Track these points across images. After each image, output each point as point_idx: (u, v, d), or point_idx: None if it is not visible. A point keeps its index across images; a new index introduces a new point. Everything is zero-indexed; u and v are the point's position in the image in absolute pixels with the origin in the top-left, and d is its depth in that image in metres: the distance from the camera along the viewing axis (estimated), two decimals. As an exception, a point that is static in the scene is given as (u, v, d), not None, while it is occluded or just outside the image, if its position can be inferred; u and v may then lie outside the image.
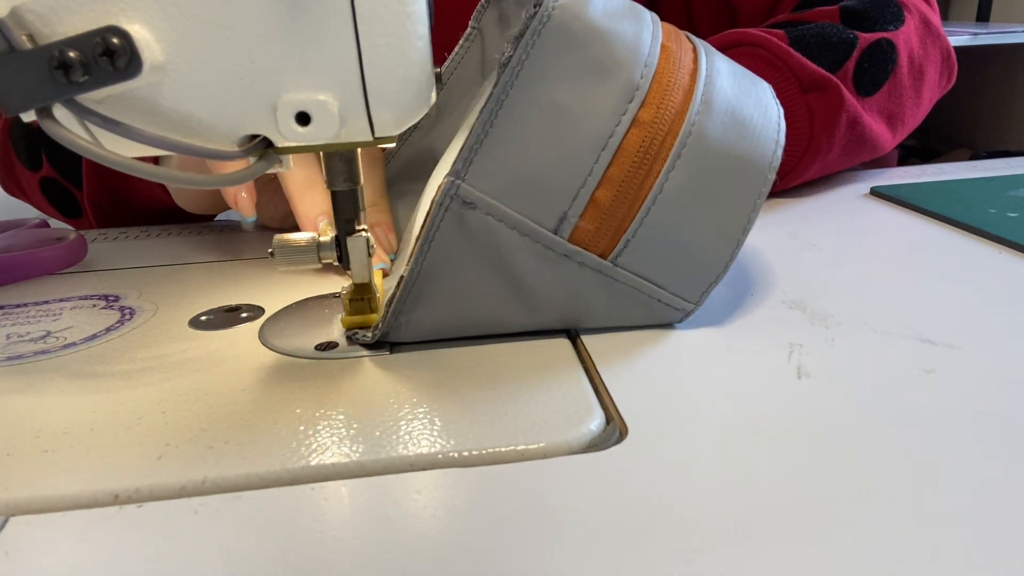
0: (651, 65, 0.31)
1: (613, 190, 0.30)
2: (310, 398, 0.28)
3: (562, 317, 0.32)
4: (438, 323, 0.32)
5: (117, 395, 0.29)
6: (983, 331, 0.32)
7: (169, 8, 0.24)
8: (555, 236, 0.30)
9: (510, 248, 0.30)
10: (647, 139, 0.30)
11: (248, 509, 0.22)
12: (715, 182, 0.31)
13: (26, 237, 0.46)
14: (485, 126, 0.29)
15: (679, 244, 0.31)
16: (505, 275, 0.31)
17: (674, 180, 0.30)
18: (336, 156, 0.30)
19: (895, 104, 0.56)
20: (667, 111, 0.30)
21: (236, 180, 0.27)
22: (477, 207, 0.29)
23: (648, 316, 0.33)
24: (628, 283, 0.31)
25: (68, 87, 0.24)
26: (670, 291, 0.32)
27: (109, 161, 0.25)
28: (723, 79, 0.33)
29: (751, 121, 0.32)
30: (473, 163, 0.29)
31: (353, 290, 0.32)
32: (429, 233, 0.30)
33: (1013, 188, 0.53)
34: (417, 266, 0.30)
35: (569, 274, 0.31)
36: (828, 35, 0.53)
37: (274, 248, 0.31)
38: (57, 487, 0.23)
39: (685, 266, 0.31)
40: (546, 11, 0.29)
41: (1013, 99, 1.86)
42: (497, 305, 0.31)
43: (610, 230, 0.30)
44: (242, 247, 0.49)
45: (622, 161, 0.30)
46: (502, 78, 0.29)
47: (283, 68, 0.25)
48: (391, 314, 0.31)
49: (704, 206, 0.31)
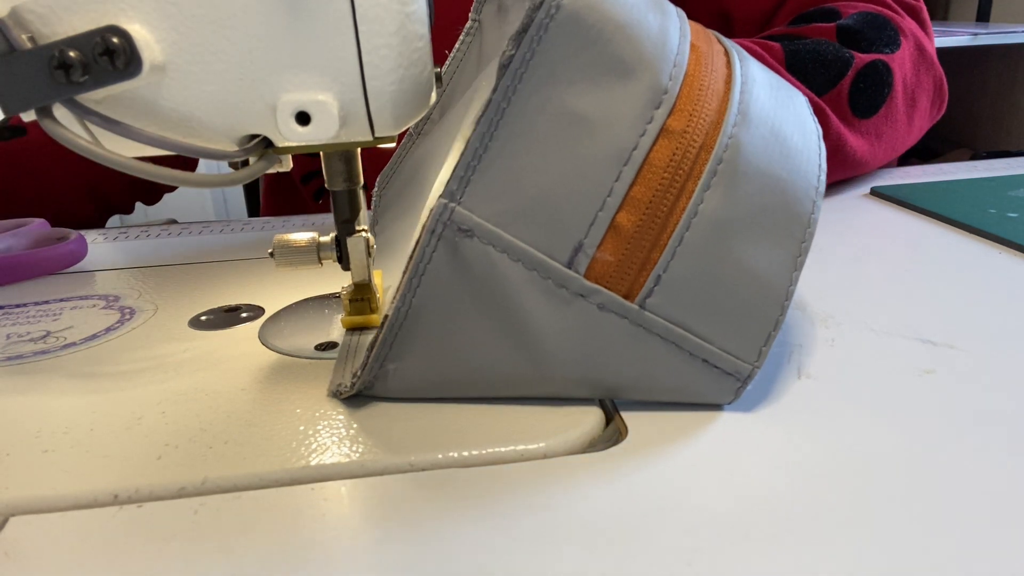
0: (681, 65, 0.26)
1: (638, 214, 0.25)
2: (310, 398, 0.28)
3: (581, 377, 0.26)
4: (429, 376, 0.27)
5: (117, 395, 0.29)
6: (983, 331, 0.32)
7: (169, 8, 0.24)
8: (568, 270, 0.25)
9: (514, 285, 0.25)
10: (678, 152, 0.25)
11: (248, 509, 0.22)
12: (756, 208, 0.26)
13: (26, 237, 0.46)
14: (484, 139, 0.25)
15: (721, 283, 0.25)
16: (508, 319, 0.26)
17: (710, 202, 0.25)
18: (335, 156, 0.30)
19: (890, 128, 0.56)
20: (701, 120, 0.26)
21: (236, 180, 0.27)
22: (475, 235, 0.25)
23: (692, 381, 0.26)
24: (663, 334, 0.25)
25: (68, 87, 0.24)
26: (718, 346, 0.26)
27: (109, 161, 0.25)
28: (760, 88, 0.28)
29: (791, 139, 0.27)
30: (470, 183, 0.25)
31: (353, 290, 0.32)
32: (418, 266, 0.25)
33: (1013, 188, 0.53)
34: (404, 304, 0.26)
35: (586, 319, 0.25)
36: (824, 52, 0.53)
37: (274, 248, 0.31)
38: (57, 487, 0.23)
39: (732, 313, 0.25)
40: (554, 0, 0.25)
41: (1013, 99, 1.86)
42: (499, 357, 0.26)
43: (636, 263, 0.25)
44: (242, 247, 0.48)
45: (648, 179, 0.25)
46: (502, 81, 0.25)
47: (283, 68, 0.25)
48: (374, 359, 0.26)
49: (745, 236, 0.25)
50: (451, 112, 0.40)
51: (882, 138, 0.56)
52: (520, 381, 0.27)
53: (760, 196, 0.26)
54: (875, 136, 0.55)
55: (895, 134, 0.57)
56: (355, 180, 0.31)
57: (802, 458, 0.24)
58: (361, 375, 0.27)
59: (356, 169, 0.31)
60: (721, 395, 0.26)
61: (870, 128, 0.55)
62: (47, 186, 0.61)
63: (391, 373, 0.27)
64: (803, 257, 0.26)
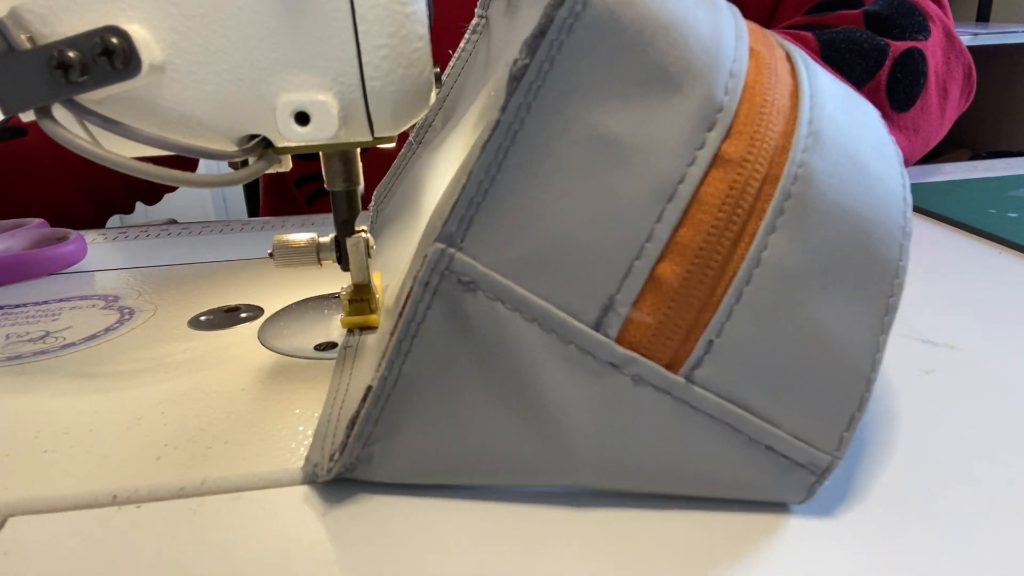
0: (739, 76, 0.21)
1: (685, 263, 0.20)
2: (310, 398, 0.28)
3: (611, 466, 0.21)
4: (423, 460, 0.22)
5: (116, 395, 0.29)
6: (983, 331, 0.32)
7: (168, 8, 0.24)
8: (596, 333, 0.20)
9: (528, 351, 0.20)
10: (736, 185, 0.20)
11: (248, 509, 0.22)
12: (833, 255, 0.20)
13: (26, 237, 0.46)
14: (490, 169, 0.20)
15: (790, 351, 0.20)
16: (520, 393, 0.21)
17: (776, 248, 0.20)
18: (335, 156, 0.30)
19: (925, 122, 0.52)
20: (764, 144, 0.20)
21: (236, 180, 0.27)
22: (479, 288, 0.20)
23: (752, 473, 0.21)
24: (715, 413, 0.20)
25: (67, 87, 0.24)
26: (786, 430, 0.20)
27: (108, 161, 0.25)
28: (831, 102, 0.23)
29: (871, 166, 0.22)
30: (474, 223, 0.20)
31: (352, 291, 0.32)
32: (409, 325, 0.21)
33: (1013, 188, 0.53)
34: (392, 373, 0.21)
35: (618, 395, 0.20)
36: (859, 41, 0.49)
37: (274, 249, 0.31)
38: (56, 487, 0.23)
39: (804, 388, 0.20)
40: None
41: (1013, 99, 1.86)
42: (509, 441, 0.21)
43: (681, 327, 0.20)
44: (242, 247, 0.49)
45: (699, 219, 0.20)
46: (514, 97, 0.20)
47: (282, 68, 0.25)
48: (355, 439, 0.22)
49: (820, 291, 0.20)
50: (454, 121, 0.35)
51: (919, 133, 0.52)
52: (535, 469, 0.21)
53: (838, 240, 0.21)
54: (913, 131, 0.51)
55: (930, 128, 0.53)
56: (354, 181, 0.31)
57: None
58: (340, 458, 0.22)
59: (355, 170, 0.31)
60: (790, 492, 0.21)
61: (908, 122, 0.51)
62: (47, 186, 0.61)
63: (376, 455, 0.22)
64: (891, 316, 0.21)
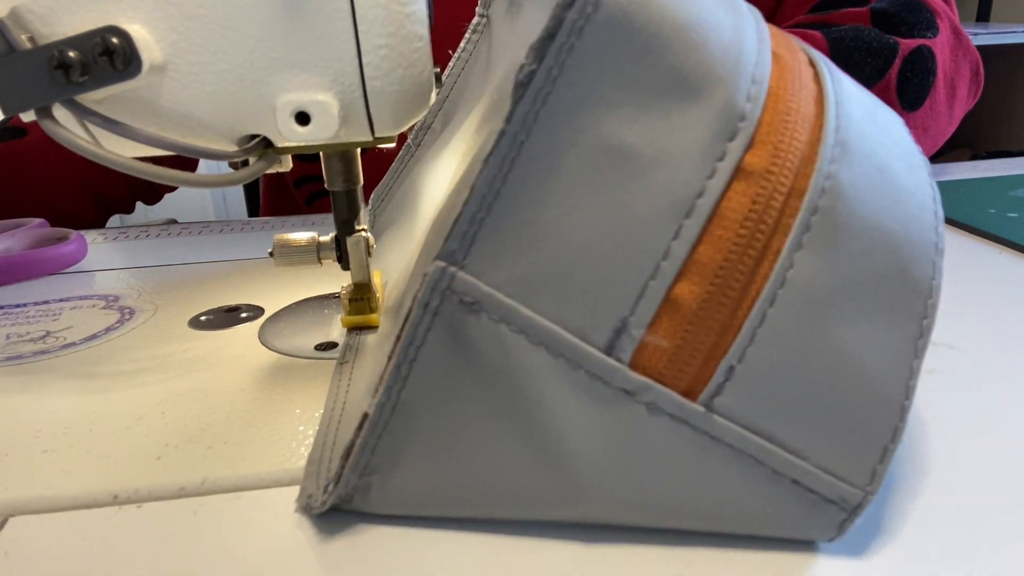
0: (761, 81, 0.20)
1: (704, 283, 0.19)
2: (310, 398, 0.28)
3: (623, 499, 0.20)
4: (423, 491, 0.21)
5: (116, 395, 0.29)
6: (983, 331, 0.32)
7: (169, 8, 0.24)
8: (608, 358, 0.19)
9: (534, 376, 0.19)
10: (760, 199, 0.19)
11: (248, 509, 0.22)
12: (863, 274, 0.19)
13: (26, 237, 0.46)
14: (494, 182, 0.19)
15: (818, 377, 0.19)
16: (526, 421, 0.20)
17: (803, 267, 0.19)
18: (335, 156, 0.30)
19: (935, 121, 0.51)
20: (789, 155, 0.19)
21: (236, 180, 0.27)
22: (483, 309, 0.19)
23: (777, 508, 0.19)
24: (736, 444, 0.19)
25: (67, 87, 0.24)
26: (815, 463, 0.19)
27: (108, 161, 0.25)
28: (857, 108, 0.21)
29: (900, 177, 0.21)
30: (477, 240, 0.19)
31: (353, 290, 0.32)
32: (408, 349, 0.19)
33: (1013, 188, 0.53)
34: (390, 399, 0.20)
35: (631, 424, 0.19)
36: (868, 39, 0.48)
37: (274, 248, 0.31)
38: (56, 487, 0.23)
39: (833, 418, 0.19)
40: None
41: (1013, 99, 1.86)
42: (514, 471, 0.20)
43: (700, 351, 0.19)
44: (242, 247, 0.49)
45: (719, 235, 0.19)
46: (520, 106, 0.18)
47: (282, 68, 0.25)
48: (351, 469, 0.21)
49: (849, 313, 0.19)
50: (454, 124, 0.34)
51: (928, 132, 0.51)
52: (541, 501, 0.20)
53: (868, 258, 0.19)
54: (922, 131, 0.50)
55: (938, 127, 0.52)
56: (354, 180, 0.31)
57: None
58: (334, 489, 0.21)
59: (356, 169, 0.31)
60: (818, 530, 0.20)
61: (917, 122, 0.50)
62: (48, 186, 0.61)
63: (374, 486, 0.21)
64: (925, 340, 0.19)
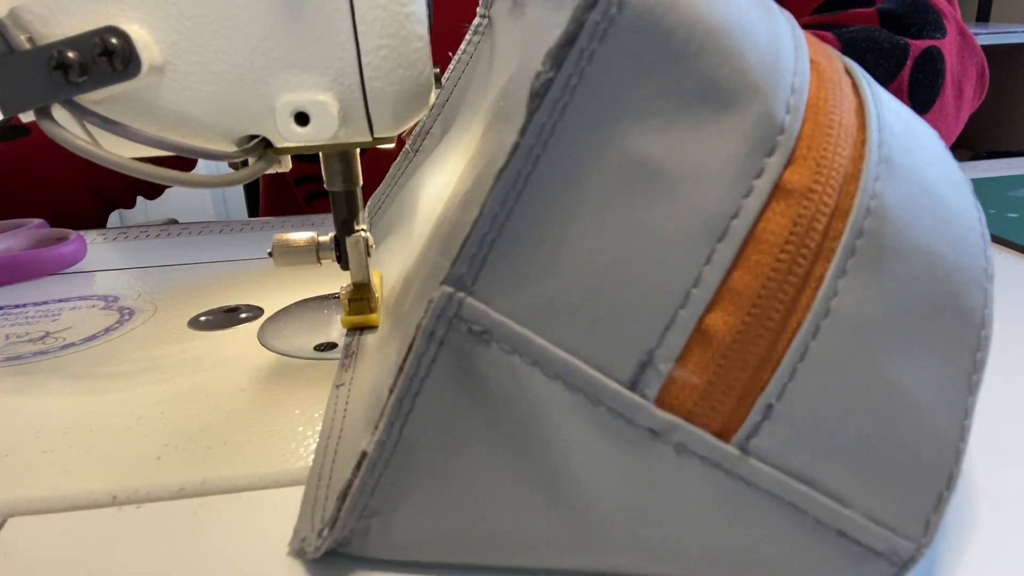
0: (801, 91, 0.18)
1: (740, 313, 0.17)
2: (310, 398, 0.28)
3: (646, 549, 0.18)
4: (426, 536, 0.19)
5: (116, 395, 0.29)
6: (983, 331, 0.32)
7: (168, 8, 0.24)
8: (632, 394, 0.17)
9: (550, 412, 0.17)
10: (801, 221, 0.17)
11: (248, 509, 0.22)
12: (913, 302, 0.17)
13: (26, 237, 0.46)
14: (506, 201, 0.17)
15: (865, 417, 0.17)
16: (540, 461, 0.18)
17: (848, 295, 0.17)
18: (334, 156, 0.30)
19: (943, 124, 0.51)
20: (832, 172, 0.18)
21: (236, 180, 0.27)
22: (494, 339, 0.17)
23: (819, 562, 0.18)
24: (775, 491, 0.17)
25: (67, 87, 0.24)
26: (862, 512, 0.17)
27: (108, 161, 0.25)
28: (896, 121, 0.20)
29: (945, 196, 0.19)
30: (487, 263, 0.17)
31: (352, 290, 0.32)
32: (411, 382, 0.18)
33: (1013, 188, 0.53)
34: (391, 437, 0.18)
35: (657, 466, 0.17)
36: (879, 40, 0.47)
37: (273, 248, 0.31)
38: (56, 487, 0.23)
39: (882, 462, 0.17)
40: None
41: (1013, 99, 1.86)
42: (526, 515, 0.18)
43: (735, 387, 0.17)
44: (242, 247, 0.49)
45: (757, 260, 0.17)
46: (536, 117, 0.17)
47: (282, 68, 0.25)
48: (348, 511, 0.19)
49: (898, 346, 0.17)
50: (455, 129, 0.33)
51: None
52: (555, 548, 0.19)
53: (917, 285, 0.17)
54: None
55: (946, 128, 0.51)
56: (354, 181, 0.31)
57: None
58: (329, 534, 0.19)
59: (355, 170, 0.31)
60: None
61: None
62: (51, 185, 0.61)
63: (373, 529, 0.19)
64: (979, 376, 0.18)
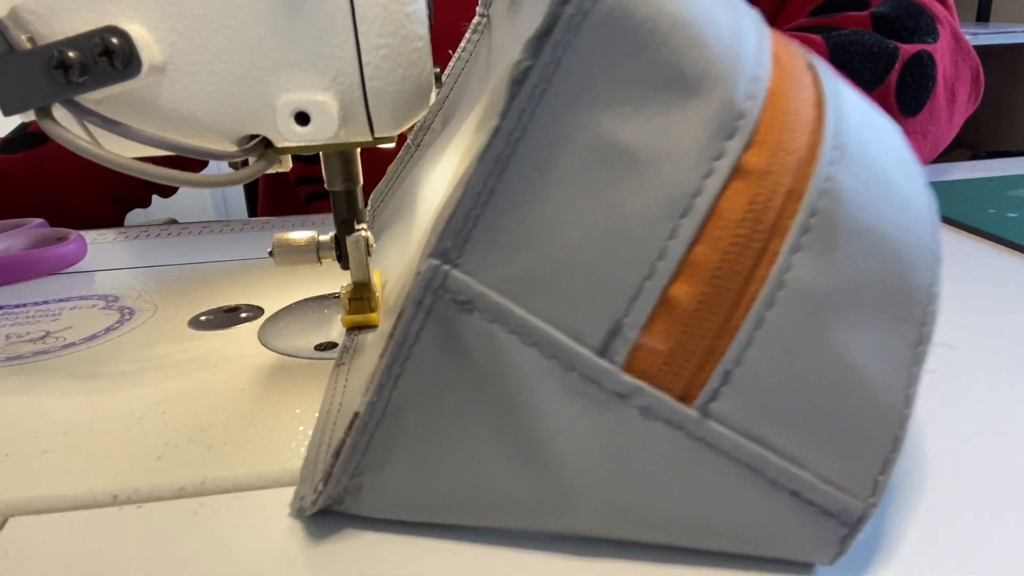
0: (761, 80, 0.20)
1: (701, 284, 0.18)
2: (310, 398, 0.28)
3: (613, 510, 0.19)
4: (412, 494, 0.21)
5: (116, 395, 0.29)
6: (983, 331, 0.32)
7: (168, 8, 0.24)
8: (602, 360, 0.18)
9: (527, 377, 0.19)
10: (758, 200, 0.18)
11: (248, 509, 0.22)
12: (862, 277, 0.19)
13: (26, 237, 0.46)
14: (488, 179, 0.18)
15: (816, 382, 0.18)
16: (517, 424, 0.19)
17: (801, 269, 0.18)
18: (334, 156, 0.30)
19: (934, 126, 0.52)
20: (788, 155, 0.19)
21: (236, 180, 0.27)
22: (476, 309, 0.19)
23: (773, 523, 0.18)
24: (732, 452, 0.18)
25: (67, 87, 0.24)
26: (814, 472, 0.18)
27: (108, 161, 0.25)
28: (855, 113, 0.21)
29: (897, 183, 0.20)
30: (471, 239, 0.19)
31: (352, 289, 0.32)
32: (400, 348, 0.19)
33: (1013, 188, 0.53)
34: (381, 399, 0.20)
35: (624, 428, 0.19)
36: (868, 44, 0.48)
37: (273, 247, 0.31)
38: (56, 487, 0.23)
39: (832, 425, 0.18)
40: None
41: (1013, 99, 1.86)
42: (503, 477, 0.20)
43: (696, 354, 0.18)
44: (242, 247, 0.49)
45: (717, 236, 0.18)
46: (515, 102, 0.18)
47: (282, 68, 0.25)
48: (341, 469, 0.21)
49: (848, 317, 0.18)
50: (454, 124, 0.34)
51: (927, 138, 0.52)
52: (530, 510, 0.20)
53: (867, 262, 0.19)
54: (921, 136, 0.51)
55: (938, 132, 0.52)
56: (354, 180, 0.31)
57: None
58: (324, 489, 0.21)
59: (355, 169, 0.31)
60: (817, 548, 0.19)
61: (916, 127, 0.50)
62: (73, 191, 0.61)
63: (365, 487, 0.21)
64: (924, 347, 0.19)
